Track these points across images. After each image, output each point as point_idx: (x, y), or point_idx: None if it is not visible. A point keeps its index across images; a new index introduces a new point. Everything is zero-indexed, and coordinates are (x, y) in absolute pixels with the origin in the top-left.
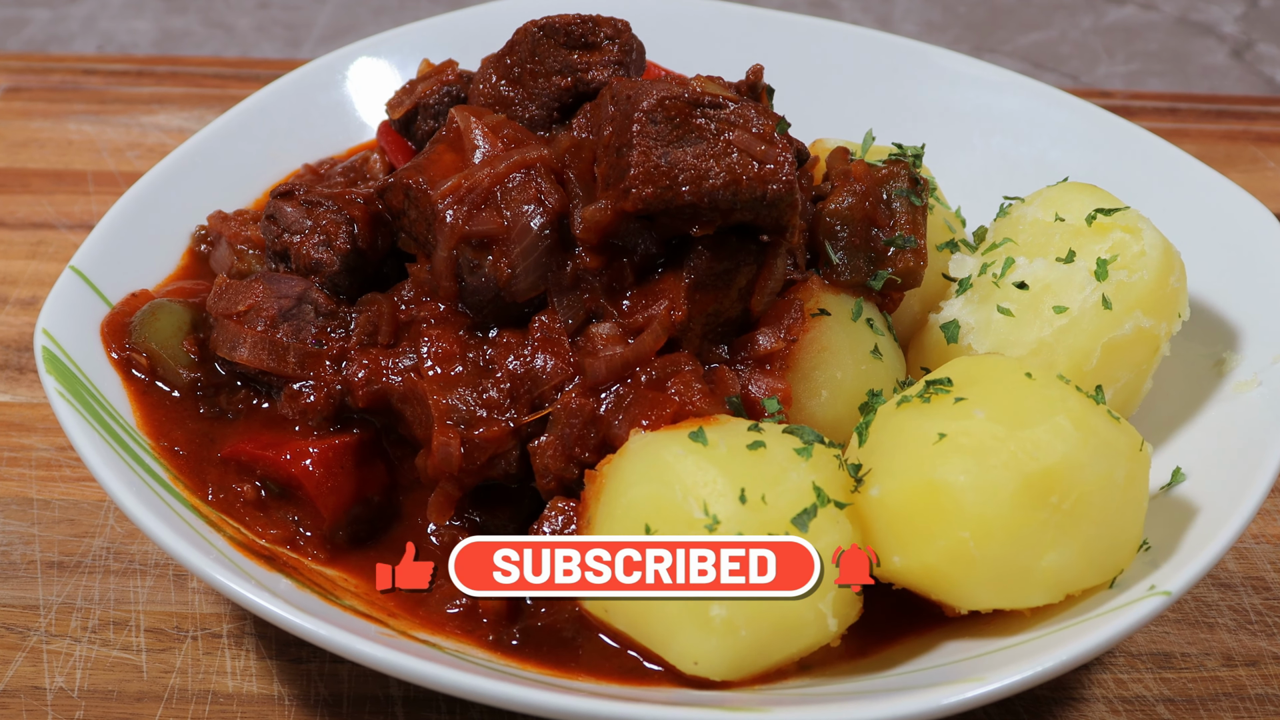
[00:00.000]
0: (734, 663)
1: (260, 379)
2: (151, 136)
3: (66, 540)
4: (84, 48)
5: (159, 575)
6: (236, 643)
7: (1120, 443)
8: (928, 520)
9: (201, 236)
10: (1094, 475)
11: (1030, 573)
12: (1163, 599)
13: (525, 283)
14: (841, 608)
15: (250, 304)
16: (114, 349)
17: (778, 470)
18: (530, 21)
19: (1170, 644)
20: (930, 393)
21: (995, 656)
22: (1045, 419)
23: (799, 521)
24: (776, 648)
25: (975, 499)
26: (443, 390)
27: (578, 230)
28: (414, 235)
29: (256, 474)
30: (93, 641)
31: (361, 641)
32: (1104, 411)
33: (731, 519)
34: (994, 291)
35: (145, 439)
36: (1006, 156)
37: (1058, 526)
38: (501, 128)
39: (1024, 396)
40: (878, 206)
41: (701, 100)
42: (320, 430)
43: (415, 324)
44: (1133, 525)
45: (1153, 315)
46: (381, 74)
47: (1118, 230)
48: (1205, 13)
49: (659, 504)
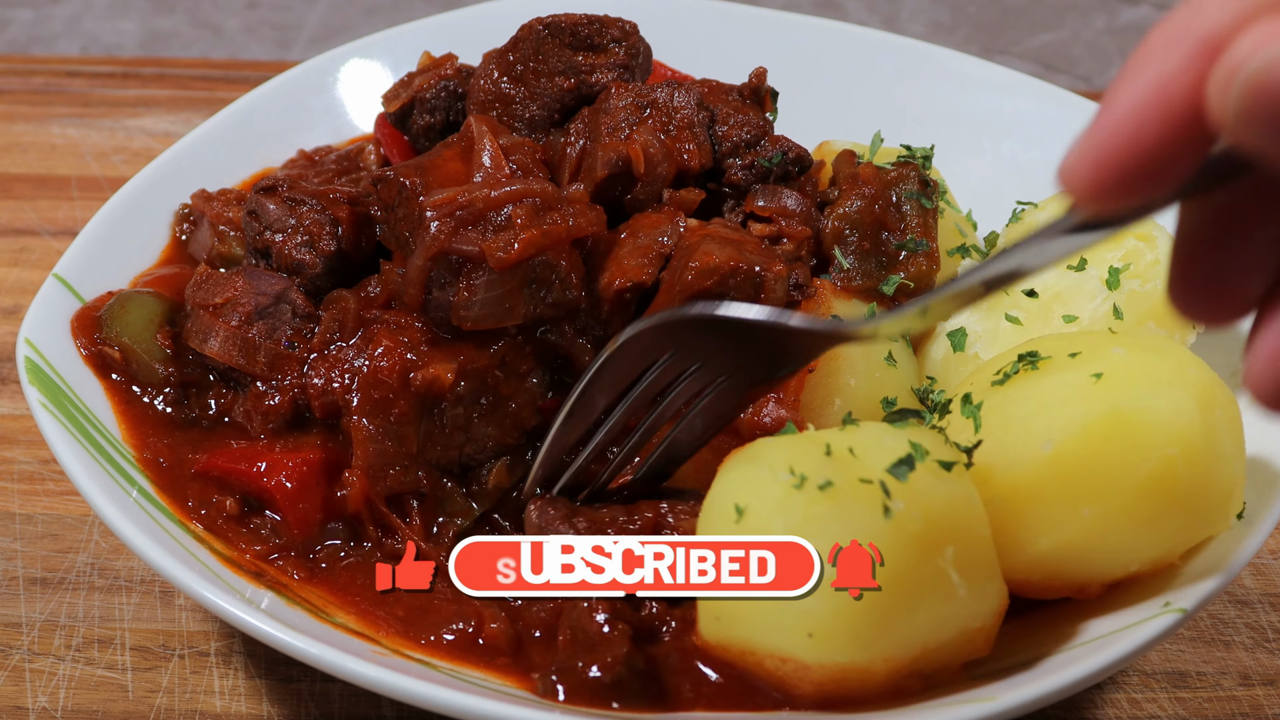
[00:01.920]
0: (854, 632)
1: (230, 375)
2: (137, 140)
3: (49, 556)
4: (67, 49)
5: (145, 592)
6: (225, 661)
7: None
8: (1124, 454)
9: (184, 216)
10: (1226, 391)
11: (1229, 487)
12: (1177, 616)
13: (479, 312)
14: (969, 569)
15: (228, 297)
16: (84, 344)
17: (869, 435)
18: (536, 19)
19: (1185, 663)
20: (1024, 365)
21: (1005, 675)
22: (1173, 348)
23: (896, 471)
24: (901, 616)
25: (1169, 417)
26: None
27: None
28: (396, 234)
29: (234, 487)
30: (77, 660)
31: (354, 660)
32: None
33: (818, 470)
34: (1002, 299)
35: (130, 451)
36: (1017, 161)
37: (1233, 442)
38: (514, 151)
39: (1135, 338)
40: (888, 209)
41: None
42: (277, 434)
43: (371, 326)
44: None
45: (1166, 325)
46: (374, 76)
47: (1131, 238)
48: None
49: (747, 480)
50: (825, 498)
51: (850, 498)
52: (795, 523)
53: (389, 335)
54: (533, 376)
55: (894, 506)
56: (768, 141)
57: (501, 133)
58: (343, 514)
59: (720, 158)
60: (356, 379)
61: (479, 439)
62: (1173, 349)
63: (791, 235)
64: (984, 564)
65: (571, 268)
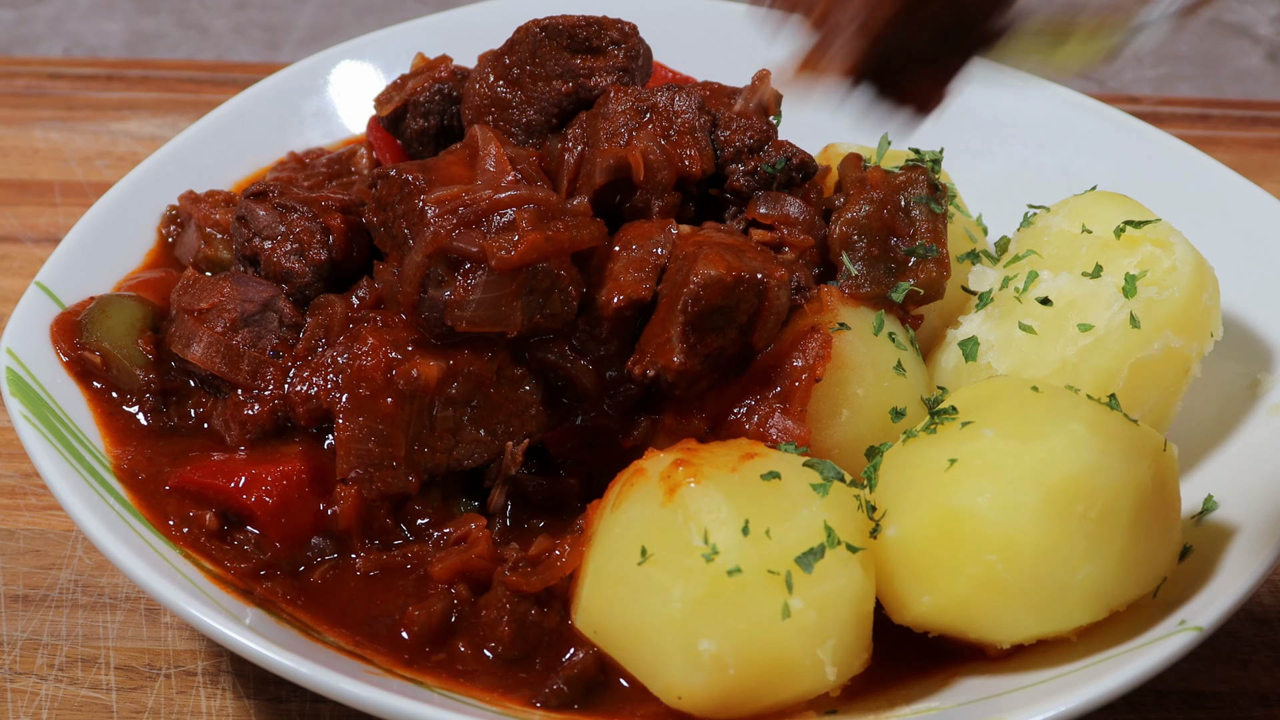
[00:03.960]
0: (720, 701)
1: (212, 382)
2: (122, 144)
3: (31, 572)
4: (50, 50)
5: (130, 609)
6: (212, 681)
7: (1142, 444)
8: (951, 551)
9: (171, 218)
10: (1119, 479)
11: (1067, 589)
12: (1193, 634)
13: (474, 313)
14: (842, 656)
15: (214, 302)
16: (63, 349)
17: (789, 505)
18: (533, 20)
19: (1202, 682)
20: (935, 423)
21: (1016, 695)
22: (1059, 428)
23: (803, 561)
24: (768, 691)
25: (997, 519)
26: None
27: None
28: (393, 233)
29: (212, 502)
30: (60, 680)
31: (345, 680)
32: (1119, 416)
33: (731, 550)
34: (1016, 307)
35: (113, 463)
36: (1028, 165)
37: (1088, 536)
38: (520, 161)
39: (1033, 410)
40: (896, 214)
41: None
42: (255, 444)
43: (359, 325)
44: (1169, 528)
45: (1184, 334)
46: (366, 78)
47: (1148, 244)
48: (1239, 13)
49: (659, 525)
50: (731, 584)
51: (755, 589)
52: (696, 595)
53: (375, 333)
54: (526, 384)
55: (794, 606)
56: (771, 147)
57: (505, 143)
58: (331, 528)
59: (722, 163)
60: (341, 377)
61: (469, 442)
62: (1062, 432)
63: (793, 244)
64: (860, 646)
65: (571, 280)
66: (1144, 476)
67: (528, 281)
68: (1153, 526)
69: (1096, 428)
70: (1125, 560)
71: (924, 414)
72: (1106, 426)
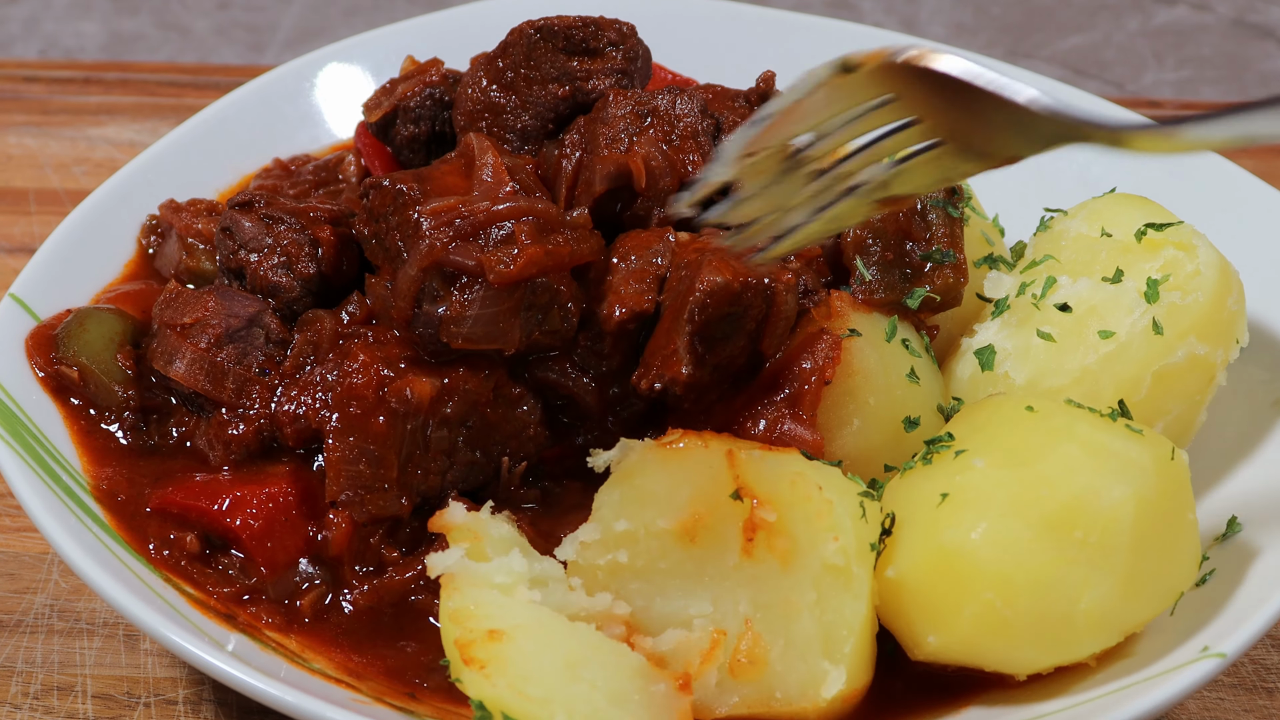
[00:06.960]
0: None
1: (195, 401)
2: (99, 150)
3: (5, 597)
4: (25, 52)
5: (108, 635)
6: (194, 709)
7: (1143, 457)
8: (948, 591)
9: (151, 227)
10: (1118, 497)
11: (1072, 619)
12: (1217, 661)
13: (471, 330)
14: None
15: (197, 317)
16: (39, 364)
17: (820, 517)
18: (527, 21)
19: (1225, 711)
20: (931, 453)
21: None
22: (1050, 452)
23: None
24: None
25: (991, 555)
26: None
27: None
28: (386, 245)
29: (195, 524)
30: (34, 709)
31: (332, 708)
32: (1119, 427)
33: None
34: (1033, 314)
35: (90, 483)
36: (1045, 170)
37: (1089, 562)
38: (517, 170)
39: (1025, 434)
40: (912, 218)
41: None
42: (240, 465)
43: (349, 341)
44: (1181, 541)
45: (1208, 341)
46: (354, 81)
47: (1170, 247)
48: (1264, 14)
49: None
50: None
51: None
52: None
53: (366, 349)
54: (524, 403)
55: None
56: None
57: (503, 152)
58: (321, 554)
59: None
60: (331, 396)
61: (464, 464)
62: (1054, 456)
63: (799, 253)
64: (866, 667)
65: (571, 295)
66: (1147, 490)
67: (526, 297)
68: (1161, 541)
69: (1091, 447)
70: (1133, 580)
71: (939, 424)
72: (1102, 444)
